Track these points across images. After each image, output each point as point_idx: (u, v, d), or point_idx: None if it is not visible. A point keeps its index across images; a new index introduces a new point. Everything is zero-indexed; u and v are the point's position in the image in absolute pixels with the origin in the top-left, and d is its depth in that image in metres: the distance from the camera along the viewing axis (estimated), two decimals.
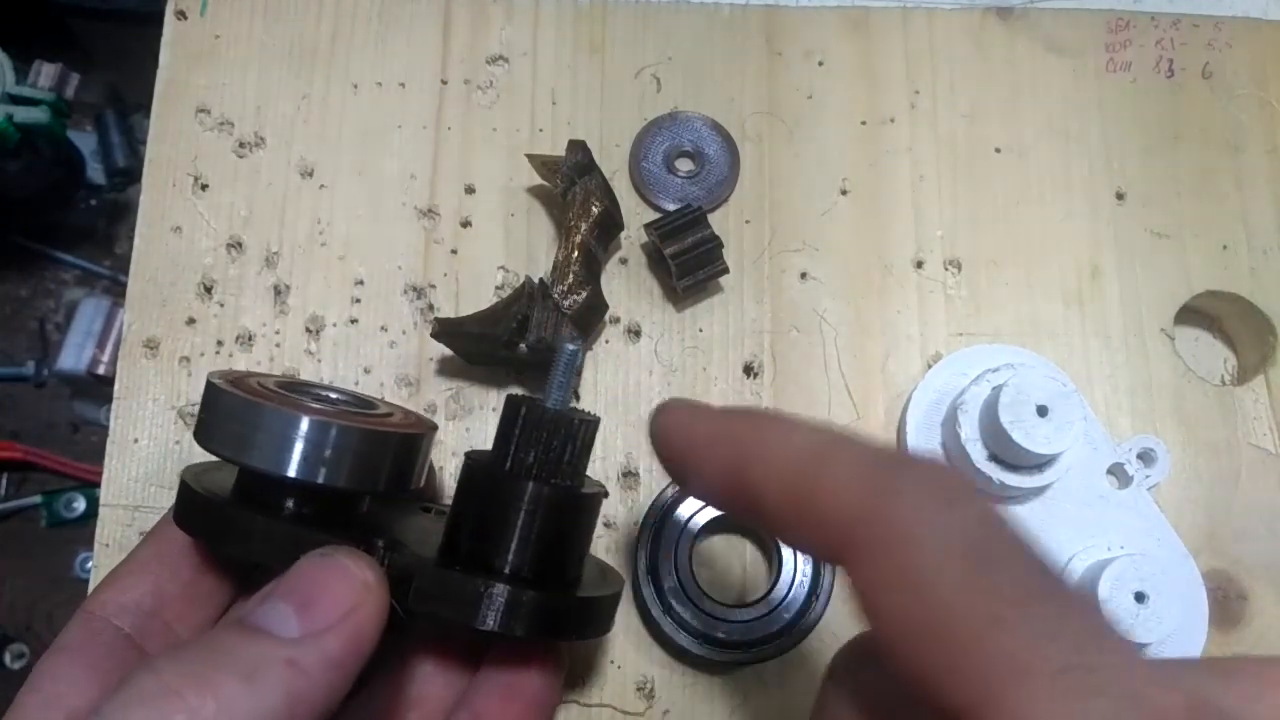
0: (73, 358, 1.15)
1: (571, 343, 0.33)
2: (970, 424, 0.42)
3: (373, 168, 0.48)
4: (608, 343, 0.46)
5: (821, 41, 0.50)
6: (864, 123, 0.49)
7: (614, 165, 0.48)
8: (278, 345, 0.45)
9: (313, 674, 0.27)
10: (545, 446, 0.32)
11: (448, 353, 0.44)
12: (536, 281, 0.43)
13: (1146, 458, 0.44)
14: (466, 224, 0.47)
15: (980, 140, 0.49)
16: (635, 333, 0.46)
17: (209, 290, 0.46)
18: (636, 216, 0.47)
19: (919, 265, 0.47)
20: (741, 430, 0.27)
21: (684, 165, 0.48)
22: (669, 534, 0.41)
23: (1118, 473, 0.44)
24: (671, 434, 0.30)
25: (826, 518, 0.24)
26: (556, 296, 0.42)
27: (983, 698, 0.19)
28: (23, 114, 1.03)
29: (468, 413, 0.45)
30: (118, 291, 1.22)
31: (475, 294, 0.46)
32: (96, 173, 1.25)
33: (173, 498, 0.35)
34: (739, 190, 0.48)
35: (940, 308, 0.47)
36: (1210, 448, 0.46)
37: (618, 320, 0.46)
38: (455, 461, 0.44)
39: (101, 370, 1.14)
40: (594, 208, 0.44)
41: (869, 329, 0.46)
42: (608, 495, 0.35)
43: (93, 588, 0.36)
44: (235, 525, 0.33)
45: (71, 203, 1.24)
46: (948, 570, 0.21)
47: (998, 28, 0.51)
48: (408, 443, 0.34)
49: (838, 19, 0.50)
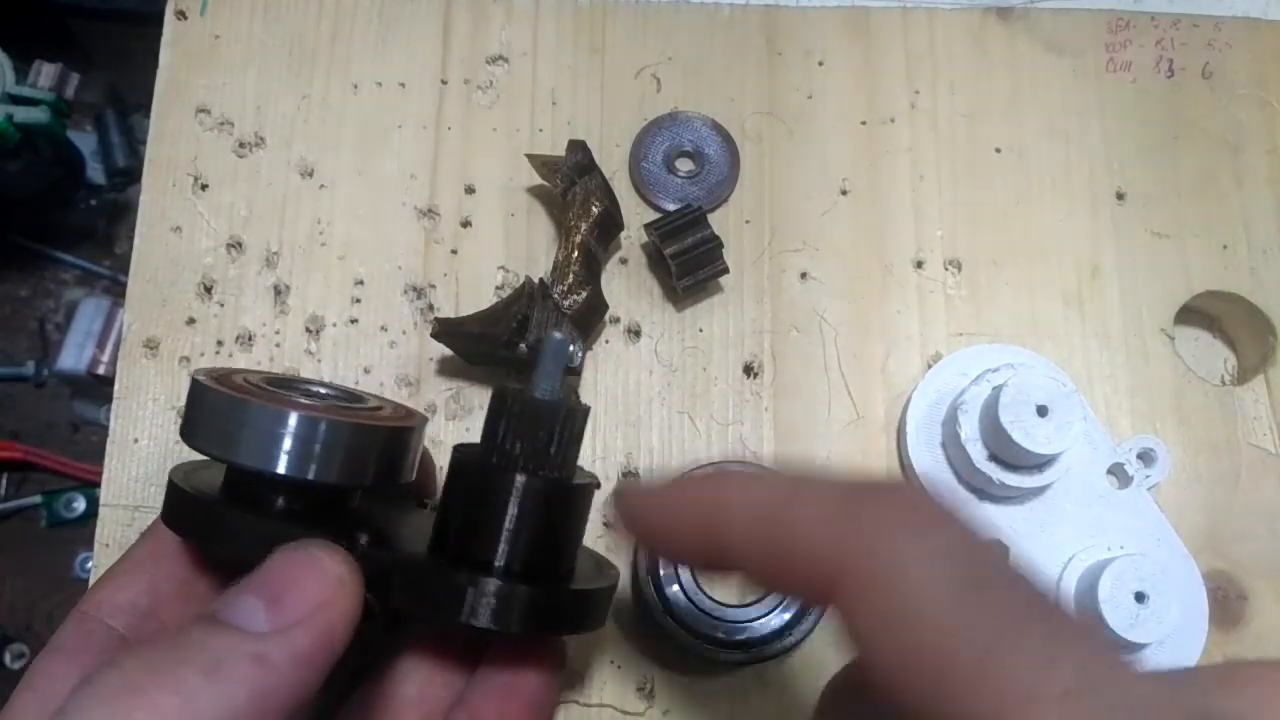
0: (73, 358, 1.15)
1: (559, 333, 0.33)
2: (970, 424, 0.42)
3: (373, 168, 0.48)
4: (608, 343, 0.46)
5: (821, 41, 0.50)
6: (864, 123, 0.49)
7: (614, 165, 0.48)
8: (278, 345, 0.45)
9: (280, 669, 0.26)
10: (531, 437, 0.31)
11: (448, 353, 0.44)
12: (536, 281, 0.43)
13: (1146, 458, 0.44)
14: (466, 224, 0.47)
15: (980, 140, 0.49)
16: (635, 333, 0.46)
17: (209, 290, 0.46)
18: (636, 216, 0.47)
19: (919, 265, 0.47)
20: (706, 491, 0.27)
21: (684, 165, 0.48)
22: None
23: (1118, 473, 0.44)
24: (638, 513, 0.30)
25: (804, 562, 0.24)
26: (556, 296, 0.42)
27: None
28: (23, 114, 1.03)
29: (468, 413, 0.45)
30: (118, 291, 1.22)
31: (475, 294, 0.46)
32: (96, 173, 1.25)
33: None
34: (739, 190, 0.48)
35: (940, 308, 0.47)
36: (1210, 448, 0.46)
37: (618, 320, 0.46)
38: None
39: (101, 370, 1.14)
40: (594, 208, 0.44)
41: (869, 329, 0.46)
42: (599, 486, 0.34)
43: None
44: (223, 524, 0.32)
45: (71, 203, 1.24)
46: (936, 601, 0.21)
47: (998, 28, 0.51)
48: (396, 436, 0.34)
49: (838, 19, 0.50)
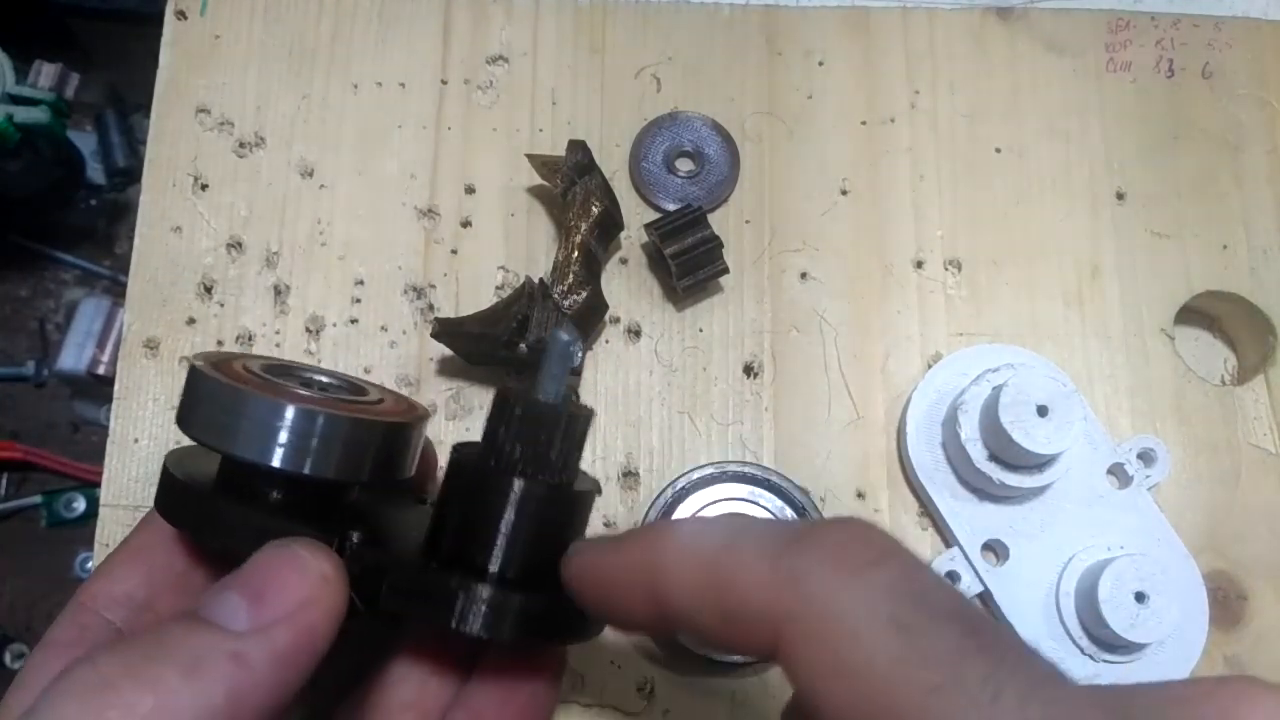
0: (73, 358, 1.14)
1: (565, 332, 0.32)
2: (970, 424, 0.42)
3: (373, 168, 0.48)
4: (608, 343, 0.46)
5: (821, 41, 0.50)
6: (864, 123, 0.49)
7: (614, 165, 0.48)
8: (278, 345, 0.45)
9: (258, 669, 0.26)
10: (533, 440, 0.30)
11: (448, 353, 0.44)
12: (536, 281, 0.43)
13: (1146, 458, 0.44)
14: (466, 224, 0.47)
15: (980, 140, 0.49)
16: (635, 333, 0.46)
17: (209, 290, 0.46)
18: (636, 216, 0.47)
19: (919, 265, 0.47)
20: (644, 549, 0.27)
21: (684, 165, 0.48)
22: None
23: (1118, 473, 0.44)
24: (581, 578, 0.29)
25: (746, 619, 0.23)
26: (556, 296, 0.42)
27: None
28: (23, 114, 1.03)
29: (468, 413, 0.45)
30: (118, 291, 1.22)
31: (475, 294, 0.46)
32: (96, 173, 1.25)
33: None
34: (739, 190, 0.48)
35: (940, 308, 0.47)
36: (1210, 448, 0.46)
37: (618, 320, 0.46)
38: None
39: (101, 370, 1.14)
40: (594, 208, 0.44)
41: (869, 329, 0.46)
42: (601, 493, 0.34)
43: None
44: (216, 516, 0.31)
45: (71, 203, 1.24)
46: (876, 647, 0.21)
47: (998, 28, 0.51)
48: (395, 431, 0.33)
49: (838, 19, 0.50)
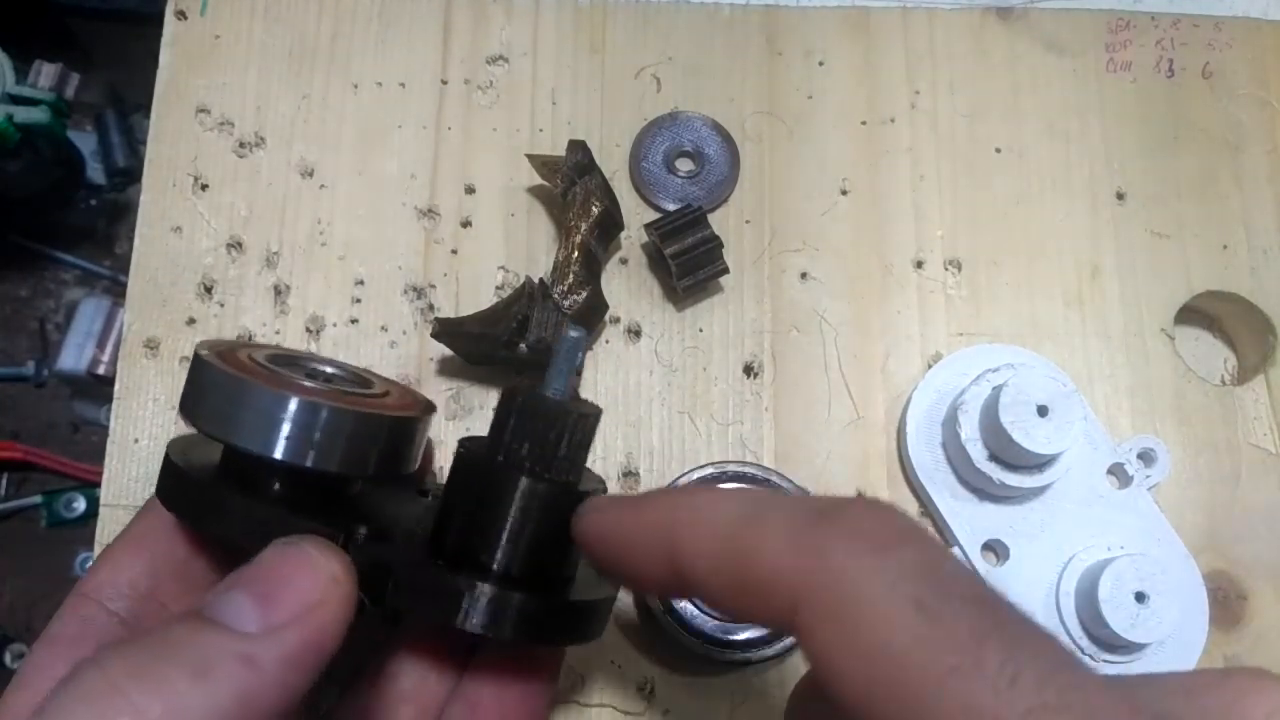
0: (73, 358, 1.15)
1: (574, 330, 0.31)
2: (970, 424, 0.42)
3: (373, 168, 0.48)
4: (608, 343, 0.46)
5: (821, 41, 0.50)
6: (864, 123, 0.49)
7: (614, 165, 0.48)
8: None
9: (268, 672, 0.25)
10: (540, 439, 0.30)
11: (448, 353, 0.44)
12: (536, 281, 0.43)
13: (1146, 458, 0.44)
14: (466, 224, 0.47)
15: (980, 140, 0.49)
16: (635, 333, 0.46)
17: (209, 290, 0.46)
18: (636, 216, 0.47)
19: (919, 265, 0.47)
20: (665, 512, 0.26)
21: (684, 165, 0.48)
22: None
23: (1118, 473, 0.44)
24: (596, 535, 0.29)
25: (764, 590, 0.23)
26: (556, 296, 0.42)
27: None
28: (23, 114, 1.03)
29: (468, 413, 0.45)
30: (118, 291, 1.22)
31: (475, 294, 0.46)
32: (96, 173, 1.25)
33: None
34: (739, 190, 0.48)
35: (940, 308, 0.47)
36: (1210, 448, 0.46)
37: (618, 320, 0.46)
38: None
39: (101, 370, 1.14)
40: (594, 208, 0.44)
41: (869, 329, 0.46)
42: (606, 493, 0.34)
43: None
44: (217, 505, 0.31)
45: (71, 203, 1.24)
46: (896, 625, 0.20)
47: (998, 28, 0.51)
48: (400, 426, 0.33)
49: (838, 19, 0.50)
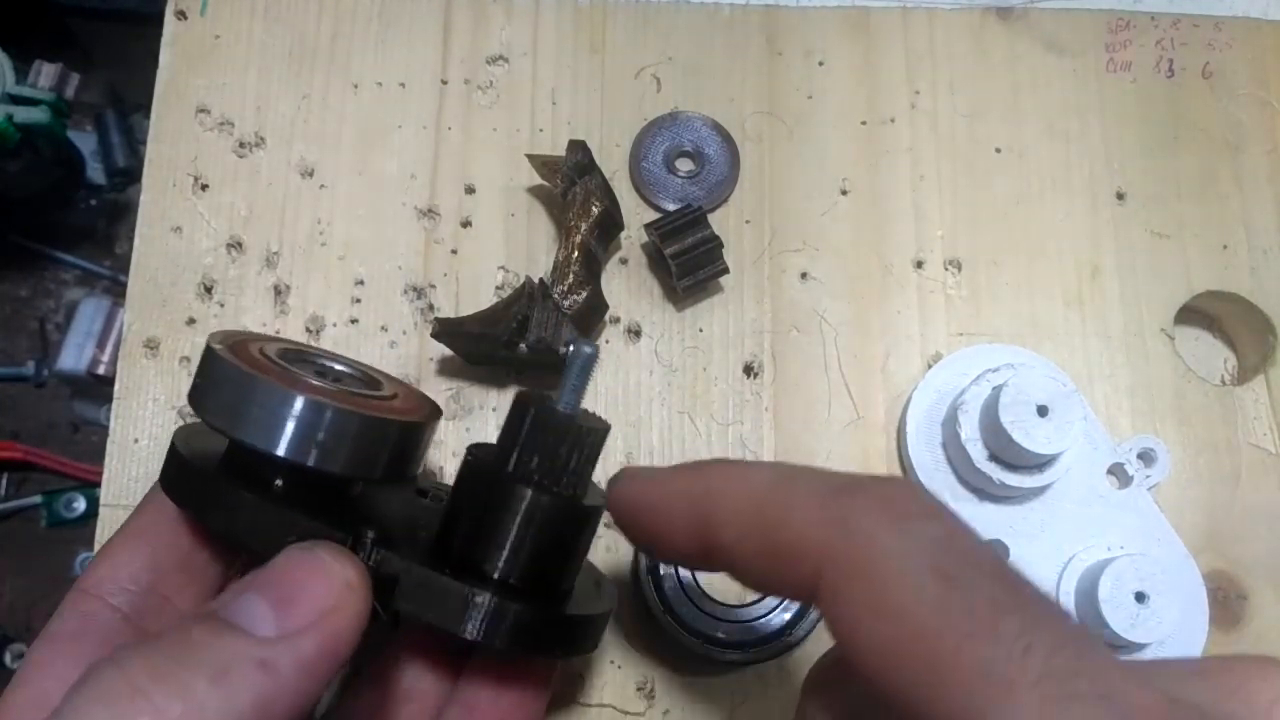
0: (73, 358, 1.15)
1: (589, 345, 0.32)
2: (970, 424, 0.42)
3: (373, 168, 0.48)
4: (608, 343, 0.46)
5: (821, 41, 0.50)
6: (864, 123, 0.49)
7: (614, 165, 0.48)
8: None
9: (285, 677, 0.26)
10: (550, 453, 0.31)
11: (448, 353, 0.44)
12: (536, 281, 0.43)
13: (1146, 458, 0.44)
14: (466, 224, 0.47)
15: (980, 140, 0.49)
16: (635, 333, 0.46)
17: (209, 290, 0.46)
18: (636, 216, 0.47)
19: (919, 265, 0.47)
20: (697, 482, 0.27)
21: (684, 165, 0.48)
22: None
23: (1118, 473, 0.44)
24: (630, 503, 0.30)
25: (792, 554, 0.24)
26: (556, 296, 0.42)
27: (965, 713, 0.20)
28: (23, 114, 1.03)
29: (468, 413, 0.45)
30: (118, 291, 1.22)
31: (475, 294, 0.46)
32: (96, 173, 1.25)
33: None
34: (739, 190, 0.48)
35: (940, 308, 0.47)
36: (1210, 448, 0.46)
37: (618, 320, 0.46)
38: (455, 462, 0.44)
39: (101, 370, 1.14)
40: (594, 208, 0.44)
41: (869, 329, 0.46)
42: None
43: None
44: (221, 498, 0.31)
45: (71, 203, 1.24)
46: (917, 591, 0.21)
47: (998, 28, 0.51)
48: (406, 431, 0.33)
49: (838, 19, 0.50)
